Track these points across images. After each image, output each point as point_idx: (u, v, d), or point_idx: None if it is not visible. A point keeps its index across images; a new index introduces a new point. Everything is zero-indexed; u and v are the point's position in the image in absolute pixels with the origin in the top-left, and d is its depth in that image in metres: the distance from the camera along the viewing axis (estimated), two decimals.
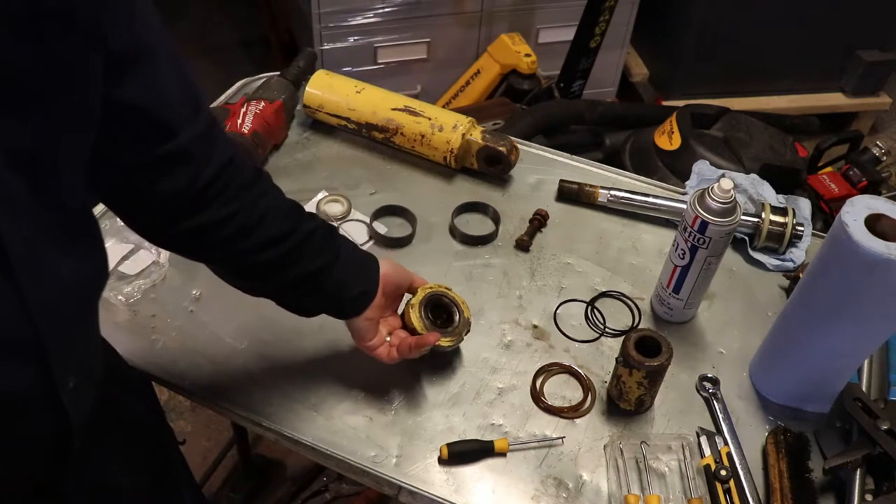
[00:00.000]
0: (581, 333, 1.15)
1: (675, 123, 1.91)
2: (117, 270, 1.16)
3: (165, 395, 1.91)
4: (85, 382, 0.74)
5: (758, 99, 2.86)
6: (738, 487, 0.95)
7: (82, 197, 0.69)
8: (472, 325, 1.07)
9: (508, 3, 2.53)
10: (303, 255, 0.90)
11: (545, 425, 1.03)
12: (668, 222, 1.32)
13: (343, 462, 0.98)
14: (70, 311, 0.69)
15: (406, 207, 1.29)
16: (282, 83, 1.40)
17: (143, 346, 1.08)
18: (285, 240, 0.88)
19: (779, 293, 1.23)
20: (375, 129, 1.38)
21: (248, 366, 1.07)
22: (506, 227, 1.29)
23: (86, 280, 0.70)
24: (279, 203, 0.90)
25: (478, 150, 1.34)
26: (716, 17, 2.66)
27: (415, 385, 1.06)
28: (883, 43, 2.85)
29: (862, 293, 0.91)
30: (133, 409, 1.01)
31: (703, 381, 1.09)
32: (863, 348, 1.01)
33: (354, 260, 0.97)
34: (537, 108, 2.18)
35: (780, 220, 1.24)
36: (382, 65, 2.54)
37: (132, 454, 0.96)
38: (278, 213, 0.89)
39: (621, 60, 2.81)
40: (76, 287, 0.68)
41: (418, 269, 1.19)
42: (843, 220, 0.89)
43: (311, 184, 1.33)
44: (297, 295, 0.95)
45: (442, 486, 0.96)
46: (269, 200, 0.88)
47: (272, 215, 0.87)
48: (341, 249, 0.94)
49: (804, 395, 1.05)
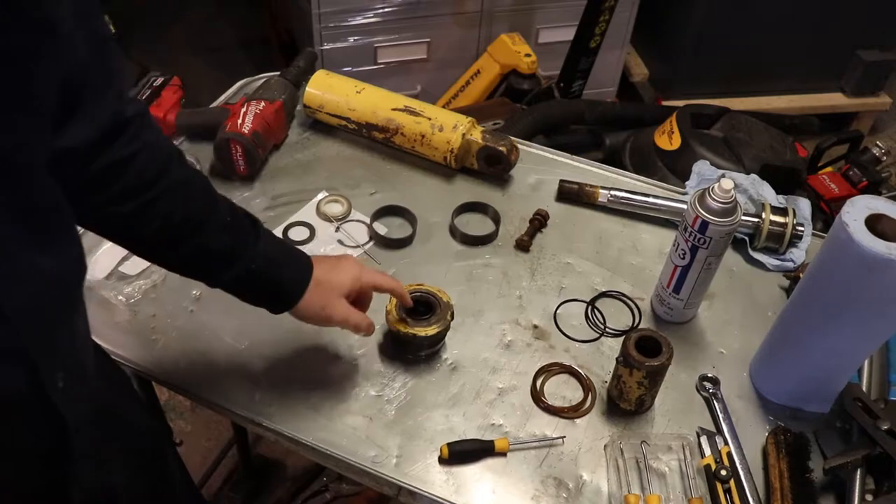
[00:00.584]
0: (581, 333, 1.15)
1: (675, 123, 1.91)
2: (117, 270, 1.16)
3: (165, 395, 1.91)
4: (76, 381, 0.74)
5: (758, 99, 2.86)
6: (739, 487, 0.95)
7: (55, 194, 0.67)
8: (472, 325, 1.07)
9: (508, 3, 2.53)
10: (217, 225, 0.88)
11: (545, 425, 1.03)
12: (668, 222, 1.32)
13: (343, 462, 0.98)
14: (50, 308, 0.68)
15: (406, 207, 1.29)
16: (282, 83, 1.40)
17: (143, 346, 1.08)
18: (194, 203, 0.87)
19: (779, 293, 1.23)
20: (375, 129, 1.38)
21: (248, 366, 1.07)
22: (506, 227, 1.29)
23: (64, 276, 0.70)
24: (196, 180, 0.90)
25: (478, 150, 1.34)
26: (716, 17, 2.66)
27: (415, 385, 1.06)
28: (883, 43, 2.85)
29: (862, 293, 0.91)
30: (129, 410, 1.01)
31: (703, 381, 1.09)
32: (863, 348, 1.01)
33: (278, 244, 0.96)
34: (537, 108, 2.18)
35: (780, 221, 1.24)
36: (382, 65, 2.54)
37: (129, 456, 0.96)
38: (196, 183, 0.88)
39: (621, 60, 2.81)
40: (54, 284, 0.68)
41: (418, 269, 1.20)
42: (843, 220, 0.89)
43: (311, 184, 1.33)
44: (215, 269, 0.91)
45: (442, 486, 0.96)
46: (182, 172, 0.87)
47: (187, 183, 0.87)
48: (262, 233, 0.93)
49: (804, 395, 1.05)
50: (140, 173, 0.81)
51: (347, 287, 0.97)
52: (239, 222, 0.91)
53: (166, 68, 1.44)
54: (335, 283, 0.96)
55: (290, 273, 0.94)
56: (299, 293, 0.94)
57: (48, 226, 0.67)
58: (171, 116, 1.34)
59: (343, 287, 0.97)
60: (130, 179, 0.81)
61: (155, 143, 0.83)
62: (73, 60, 0.68)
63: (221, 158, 1.30)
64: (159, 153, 0.84)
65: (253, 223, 0.93)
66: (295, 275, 0.95)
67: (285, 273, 0.94)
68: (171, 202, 0.84)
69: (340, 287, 0.97)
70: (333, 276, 0.96)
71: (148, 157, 0.82)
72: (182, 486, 1.14)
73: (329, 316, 0.96)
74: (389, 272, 1.19)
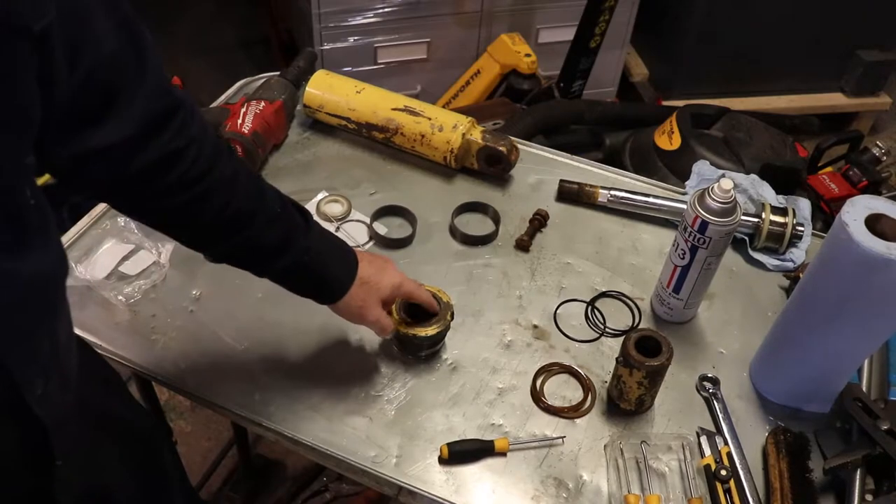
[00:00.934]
0: (581, 333, 1.15)
1: (675, 123, 1.91)
2: (117, 270, 1.16)
3: (165, 395, 1.91)
4: (56, 386, 0.72)
5: (758, 99, 2.86)
6: (739, 487, 0.95)
7: (27, 196, 0.64)
8: (472, 325, 1.07)
9: (508, 3, 2.53)
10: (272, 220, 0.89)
11: (545, 425, 1.03)
12: (668, 222, 1.32)
13: (343, 462, 0.98)
14: (27, 314, 0.66)
15: (406, 207, 1.29)
16: (282, 83, 1.40)
17: (143, 346, 1.08)
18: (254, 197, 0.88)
19: (779, 293, 1.23)
20: (375, 129, 1.38)
21: (248, 366, 1.07)
22: (506, 227, 1.29)
23: (41, 279, 0.67)
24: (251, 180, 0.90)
25: (478, 150, 1.34)
26: (716, 17, 2.66)
27: (415, 385, 1.06)
28: (883, 43, 2.85)
29: (862, 293, 0.91)
30: (120, 409, 1.00)
31: (703, 381, 1.09)
32: (863, 348, 1.01)
33: (328, 238, 0.97)
34: (537, 108, 2.18)
35: (780, 221, 1.24)
36: (382, 65, 2.54)
37: (122, 456, 0.95)
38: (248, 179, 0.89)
39: (621, 60, 2.81)
40: (31, 288, 0.65)
41: (418, 269, 1.20)
42: (843, 220, 0.89)
43: (311, 184, 1.33)
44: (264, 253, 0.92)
45: (442, 486, 0.96)
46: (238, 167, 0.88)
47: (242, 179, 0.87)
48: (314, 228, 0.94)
49: (804, 395, 1.05)
50: (189, 168, 0.81)
51: (388, 293, 0.99)
52: (289, 214, 0.92)
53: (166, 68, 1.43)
54: (378, 286, 0.98)
55: (338, 269, 0.96)
56: (345, 289, 0.96)
57: (23, 227, 0.64)
58: None
59: (384, 291, 0.99)
60: (179, 173, 0.80)
61: (202, 138, 0.83)
62: (96, 56, 0.67)
63: None
64: (208, 147, 0.83)
65: (303, 214, 0.94)
66: (342, 270, 0.96)
67: (333, 268, 0.95)
68: (221, 196, 0.84)
69: (381, 291, 0.99)
70: (378, 279, 0.98)
71: (196, 152, 0.81)
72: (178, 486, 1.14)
73: (364, 316, 0.98)
74: None
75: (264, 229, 0.89)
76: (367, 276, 0.97)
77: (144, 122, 0.76)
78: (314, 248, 0.93)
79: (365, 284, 0.97)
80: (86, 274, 1.14)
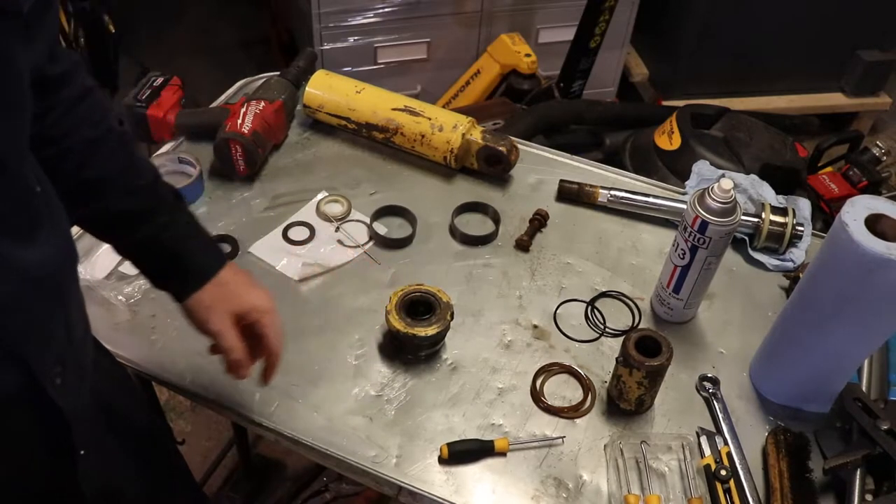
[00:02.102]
0: (581, 333, 1.15)
1: (675, 123, 1.91)
2: (117, 270, 1.16)
3: (165, 395, 1.91)
4: (73, 375, 0.73)
5: (758, 99, 2.86)
6: (738, 487, 0.95)
7: (33, 183, 0.65)
8: (472, 325, 1.07)
9: (508, 3, 2.53)
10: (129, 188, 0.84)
11: (545, 425, 1.03)
12: (668, 222, 1.32)
13: (343, 462, 0.98)
14: (39, 302, 0.66)
15: (406, 207, 1.29)
16: (282, 83, 1.40)
17: (143, 346, 1.07)
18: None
19: (779, 293, 1.23)
20: (375, 129, 1.38)
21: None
22: (506, 227, 1.29)
23: (50, 267, 0.68)
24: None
25: (478, 149, 1.34)
26: (716, 17, 2.66)
27: (415, 385, 1.06)
28: (883, 43, 2.85)
29: (862, 293, 0.91)
30: (131, 407, 1.01)
31: (703, 381, 1.09)
32: (863, 348, 1.01)
33: (199, 228, 0.91)
34: (537, 108, 2.18)
35: (780, 220, 1.24)
36: (382, 65, 2.54)
37: (133, 453, 0.96)
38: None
39: (621, 60, 2.81)
40: (42, 277, 0.66)
41: (418, 269, 1.20)
42: (843, 220, 0.89)
43: (311, 184, 1.33)
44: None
45: (442, 486, 0.96)
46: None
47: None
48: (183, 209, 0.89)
49: (804, 395, 1.05)
50: (57, 122, 0.78)
51: (247, 307, 0.89)
52: (154, 190, 0.86)
53: (166, 68, 1.44)
54: (237, 295, 0.89)
55: (199, 258, 0.89)
56: (201, 280, 0.87)
57: (31, 214, 0.65)
58: (171, 116, 1.34)
59: (242, 305, 0.89)
60: (47, 126, 0.77)
61: (71, 101, 0.79)
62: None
63: (221, 158, 1.30)
64: (81, 108, 0.80)
65: (178, 198, 0.89)
66: (203, 261, 0.89)
67: (195, 255, 0.88)
68: (80, 158, 0.80)
69: (239, 303, 0.89)
70: (238, 290, 0.89)
71: (67, 109, 0.78)
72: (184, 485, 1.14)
73: (209, 320, 0.88)
74: (389, 272, 1.19)
75: (122, 199, 0.83)
76: (228, 280, 0.89)
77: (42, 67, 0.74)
78: (177, 227, 0.86)
79: (222, 286, 0.88)
80: (86, 274, 1.14)
